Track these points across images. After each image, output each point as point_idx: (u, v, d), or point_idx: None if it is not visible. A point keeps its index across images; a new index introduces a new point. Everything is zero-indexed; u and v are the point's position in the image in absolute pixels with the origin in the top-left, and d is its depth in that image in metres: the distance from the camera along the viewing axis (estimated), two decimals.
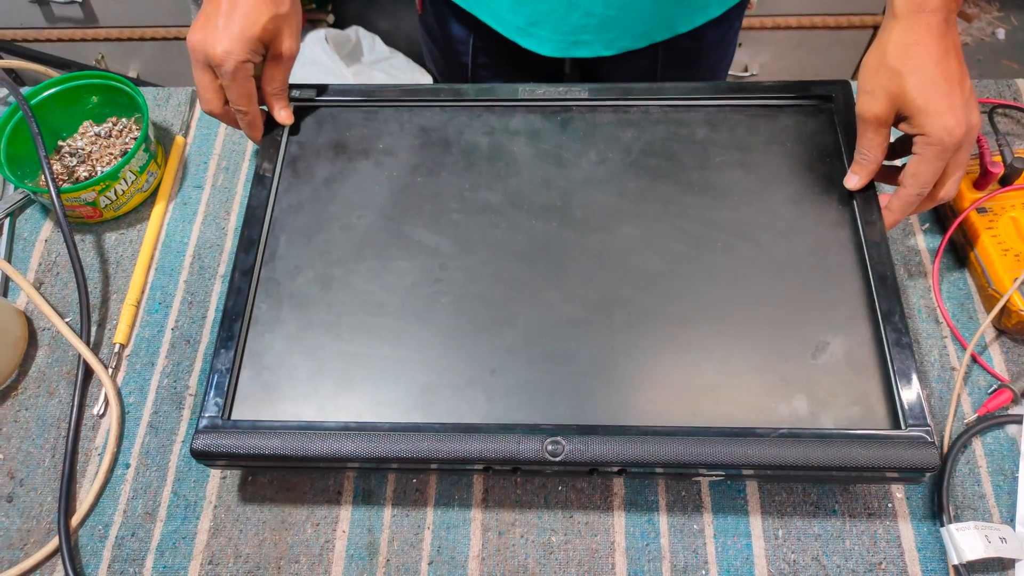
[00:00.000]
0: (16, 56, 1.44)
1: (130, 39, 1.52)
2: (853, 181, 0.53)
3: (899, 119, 0.50)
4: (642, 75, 0.78)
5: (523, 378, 0.48)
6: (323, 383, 0.49)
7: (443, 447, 0.46)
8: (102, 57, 1.55)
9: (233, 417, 0.48)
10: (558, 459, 0.45)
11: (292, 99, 0.60)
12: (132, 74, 1.58)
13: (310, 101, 0.60)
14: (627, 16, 0.68)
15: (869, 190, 0.53)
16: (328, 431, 0.46)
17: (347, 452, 0.46)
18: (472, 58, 0.81)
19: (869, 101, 0.50)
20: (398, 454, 0.46)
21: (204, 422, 0.47)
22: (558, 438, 0.45)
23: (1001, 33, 1.92)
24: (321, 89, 0.61)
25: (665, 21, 0.71)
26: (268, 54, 0.56)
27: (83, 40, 1.52)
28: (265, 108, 0.59)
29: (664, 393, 0.47)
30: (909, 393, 0.46)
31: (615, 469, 0.47)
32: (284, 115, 0.59)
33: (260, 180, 0.56)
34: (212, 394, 0.48)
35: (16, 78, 1.50)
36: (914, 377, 0.46)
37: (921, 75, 0.47)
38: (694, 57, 0.78)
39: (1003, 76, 1.80)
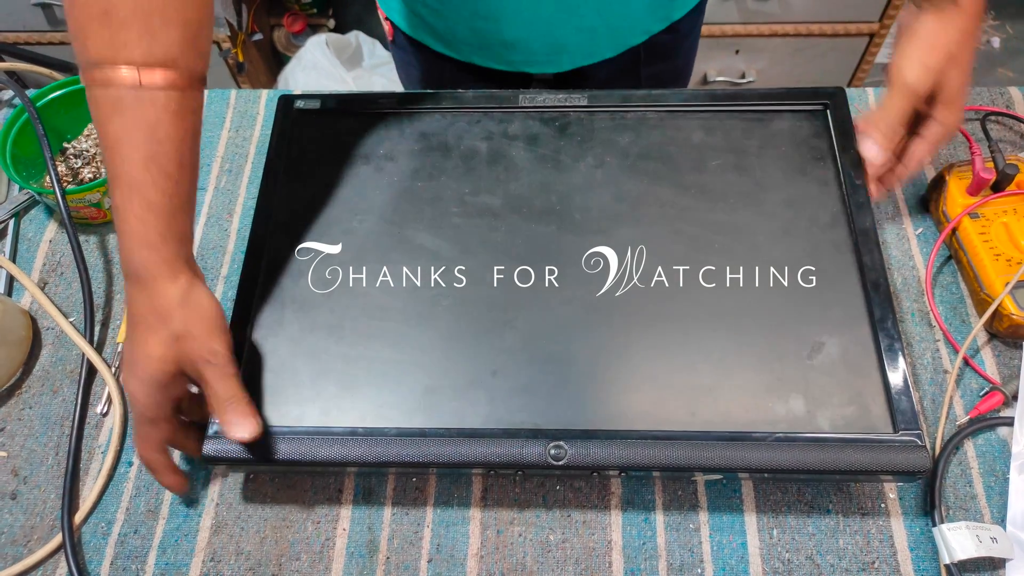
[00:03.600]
0: (19, 59, 1.44)
1: None
2: (875, 153, 0.54)
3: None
4: (625, 73, 0.79)
5: (524, 379, 0.49)
6: (326, 386, 0.49)
7: (448, 452, 0.46)
8: None
9: None
10: (561, 463, 0.46)
11: (297, 108, 0.61)
12: None
13: (313, 109, 0.61)
14: (603, 36, 0.70)
15: (862, 197, 0.54)
16: (335, 436, 0.47)
17: (354, 457, 0.47)
18: (449, 85, 0.80)
19: (925, 77, 0.51)
20: (404, 459, 0.47)
21: (214, 427, 0.48)
22: (560, 442, 0.46)
23: (996, 42, 1.94)
24: (324, 97, 0.62)
25: (642, 27, 0.72)
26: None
27: None
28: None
29: (663, 393, 0.48)
30: (901, 399, 0.47)
31: (615, 472, 0.47)
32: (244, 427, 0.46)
33: (265, 185, 0.57)
34: None
35: (18, 80, 1.51)
36: (907, 383, 0.47)
37: (963, 70, 0.51)
38: (671, 48, 0.79)
39: (998, 84, 1.81)
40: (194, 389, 0.49)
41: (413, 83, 0.85)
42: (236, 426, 0.46)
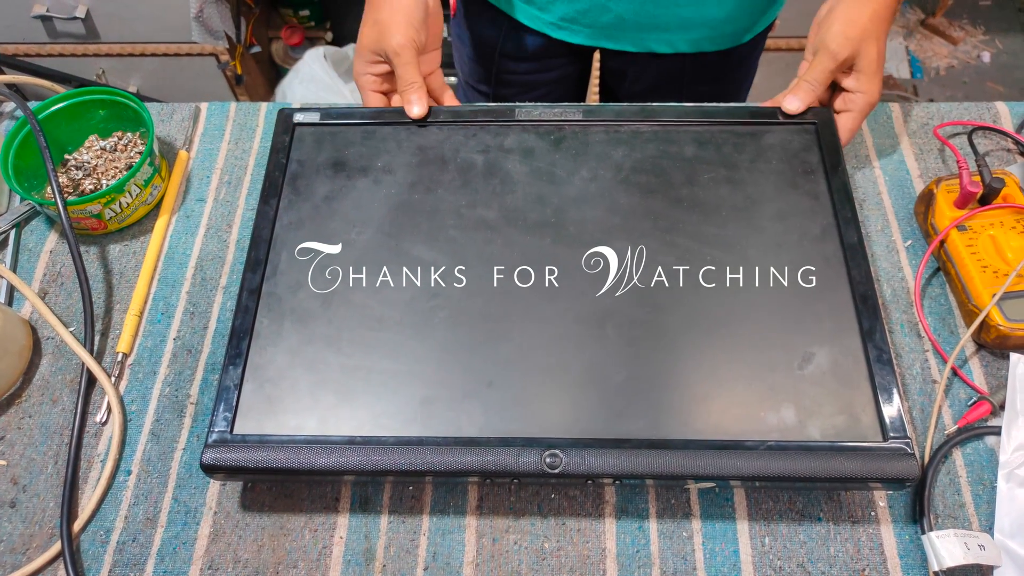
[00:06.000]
0: (19, 71, 1.45)
1: (131, 55, 1.54)
2: (795, 104, 0.59)
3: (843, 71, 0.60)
4: (668, 83, 0.82)
5: (519, 390, 0.50)
6: (324, 396, 0.50)
7: (444, 460, 0.47)
8: (103, 72, 1.57)
9: (236, 430, 0.49)
10: (556, 471, 0.47)
11: (297, 123, 0.62)
12: (132, 89, 1.60)
13: (311, 122, 0.62)
14: (657, 23, 0.73)
15: (850, 211, 0.55)
16: (333, 445, 0.48)
17: (352, 465, 0.47)
18: (497, 63, 0.84)
19: (845, 46, 0.58)
20: (401, 467, 0.47)
21: (214, 436, 0.48)
22: (556, 451, 0.47)
23: (986, 56, 1.96)
24: (322, 110, 0.63)
25: (695, 40, 0.75)
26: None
27: (84, 55, 1.54)
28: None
29: (656, 403, 0.49)
30: (890, 408, 0.48)
31: (610, 481, 0.48)
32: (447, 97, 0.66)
33: (265, 198, 0.58)
34: (221, 409, 0.49)
35: (19, 92, 1.52)
36: (895, 392, 0.48)
37: (879, 45, 0.59)
38: (720, 73, 0.82)
39: (988, 98, 1.83)
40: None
41: (465, 61, 0.91)
42: (411, 104, 0.60)
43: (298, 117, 0.62)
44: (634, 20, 0.74)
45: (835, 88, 0.62)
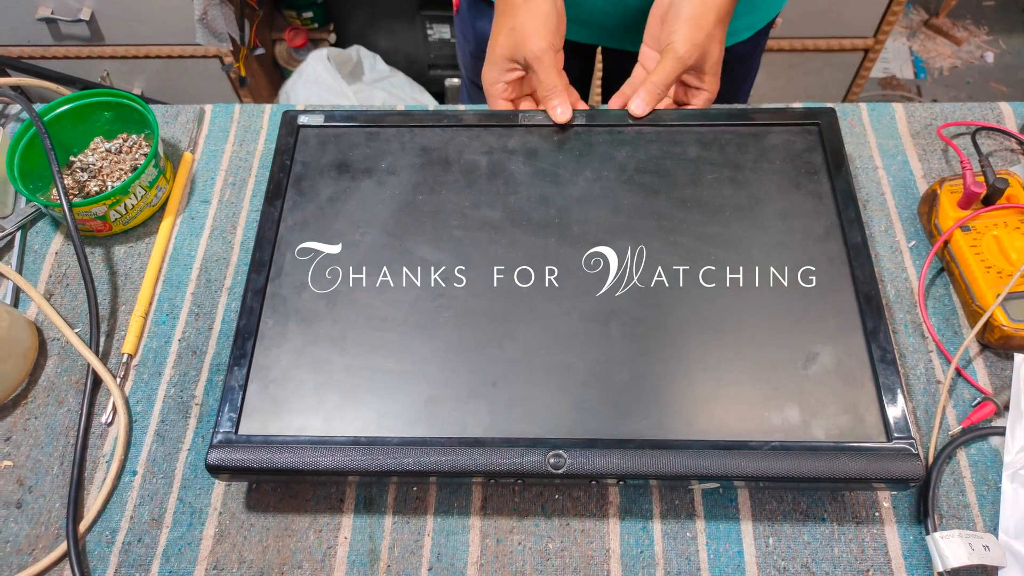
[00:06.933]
0: (24, 73, 1.46)
1: (135, 57, 1.54)
2: (642, 107, 0.60)
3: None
4: None
5: (524, 390, 0.50)
6: (329, 396, 0.50)
7: (449, 460, 0.47)
8: (107, 74, 1.57)
9: (241, 431, 0.49)
10: (560, 472, 0.47)
11: (301, 125, 0.62)
12: (136, 91, 1.61)
13: (315, 124, 0.62)
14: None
15: (854, 211, 0.55)
16: (338, 445, 0.48)
17: (357, 465, 0.47)
18: None
19: (693, 51, 0.59)
20: (406, 467, 0.47)
21: (219, 436, 0.49)
22: (560, 451, 0.47)
23: (990, 56, 1.96)
24: (326, 112, 0.63)
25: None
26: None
27: (88, 57, 1.55)
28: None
29: (661, 404, 0.49)
30: (894, 408, 0.48)
31: (614, 481, 0.48)
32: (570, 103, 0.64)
33: (269, 200, 0.58)
34: (226, 409, 0.49)
35: (22, 94, 1.52)
36: (899, 392, 0.48)
37: (720, 46, 0.61)
38: (721, 72, 0.81)
39: (991, 98, 1.83)
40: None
41: (468, 58, 0.90)
42: (555, 108, 0.60)
43: (302, 119, 0.62)
44: (635, 21, 0.74)
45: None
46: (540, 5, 0.60)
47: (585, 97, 0.96)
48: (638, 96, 0.60)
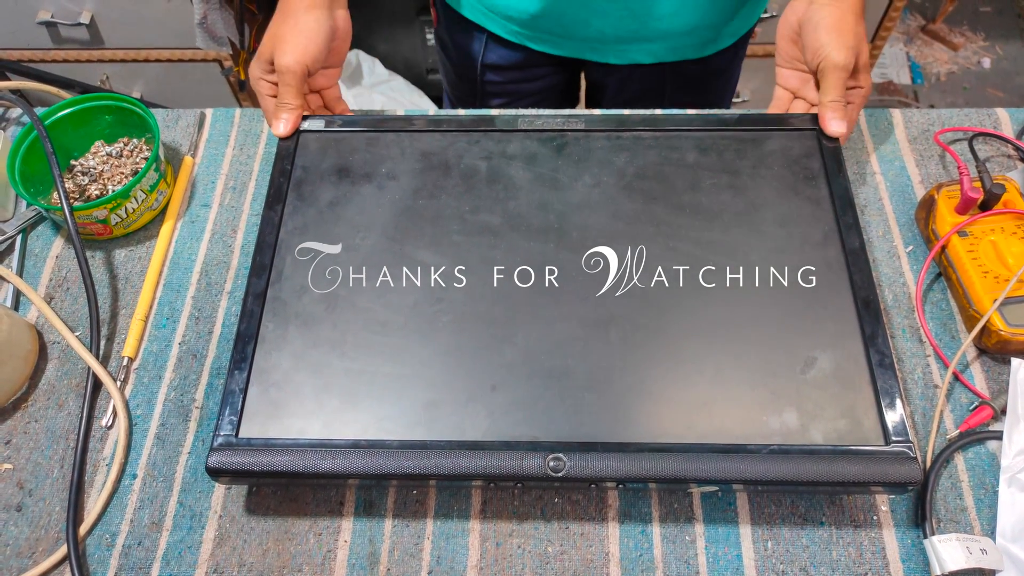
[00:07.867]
0: (24, 76, 1.46)
1: (135, 60, 1.55)
2: (841, 127, 0.59)
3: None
4: (650, 94, 0.82)
5: (523, 394, 0.50)
6: (329, 400, 0.50)
7: (448, 463, 0.47)
8: (107, 78, 1.57)
9: (241, 434, 0.49)
10: (560, 475, 0.47)
11: (302, 129, 0.63)
12: (136, 95, 1.61)
13: (315, 128, 0.63)
14: (637, 36, 0.74)
15: (852, 217, 0.55)
16: (338, 448, 0.48)
17: (357, 469, 0.48)
18: (480, 74, 0.84)
19: (850, 56, 0.59)
20: (406, 471, 0.47)
21: (219, 440, 0.49)
22: (559, 455, 0.47)
23: (987, 62, 1.97)
24: (327, 119, 0.63)
25: (676, 48, 0.75)
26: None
27: (88, 61, 1.55)
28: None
29: (660, 407, 0.49)
30: (892, 412, 0.48)
31: (613, 484, 0.48)
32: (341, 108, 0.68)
33: (270, 204, 0.58)
34: (226, 413, 0.49)
35: (22, 98, 1.53)
36: (897, 396, 0.48)
37: (865, 44, 0.61)
38: (700, 81, 0.82)
39: (988, 104, 1.84)
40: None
41: (448, 71, 0.90)
42: (277, 121, 0.62)
43: (303, 124, 0.63)
44: (614, 34, 0.74)
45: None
46: (306, 22, 0.60)
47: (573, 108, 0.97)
48: (830, 120, 0.59)
